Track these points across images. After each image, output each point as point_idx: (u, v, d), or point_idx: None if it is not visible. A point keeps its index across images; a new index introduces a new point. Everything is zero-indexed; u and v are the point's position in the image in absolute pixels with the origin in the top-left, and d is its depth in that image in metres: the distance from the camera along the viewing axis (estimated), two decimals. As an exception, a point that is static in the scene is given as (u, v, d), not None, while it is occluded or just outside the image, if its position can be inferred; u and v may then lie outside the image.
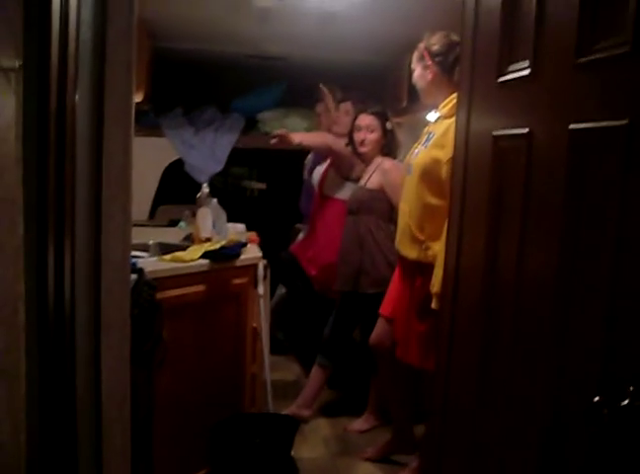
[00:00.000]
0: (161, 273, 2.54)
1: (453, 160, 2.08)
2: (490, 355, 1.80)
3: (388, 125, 3.49)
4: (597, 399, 1.20)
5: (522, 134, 1.61)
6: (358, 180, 3.59)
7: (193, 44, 4.50)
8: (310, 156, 4.43)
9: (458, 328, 2.04)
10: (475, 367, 1.89)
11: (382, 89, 4.75)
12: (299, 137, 3.71)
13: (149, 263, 2.60)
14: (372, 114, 3.51)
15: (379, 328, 3.14)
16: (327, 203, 3.83)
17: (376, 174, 3.38)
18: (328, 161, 3.94)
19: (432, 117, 3.55)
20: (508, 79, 1.70)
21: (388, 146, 3.50)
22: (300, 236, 4.45)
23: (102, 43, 1.76)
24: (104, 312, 1.82)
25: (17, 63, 1.37)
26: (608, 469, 1.24)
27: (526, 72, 1.60)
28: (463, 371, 1.99)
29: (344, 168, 3.71)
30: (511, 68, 1.69)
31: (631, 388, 1.17)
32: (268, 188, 5.62)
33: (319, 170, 4.00)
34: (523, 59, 1.62)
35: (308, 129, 5.00)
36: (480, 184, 1.87)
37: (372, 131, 3.48)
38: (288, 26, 3.92)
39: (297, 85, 4.87)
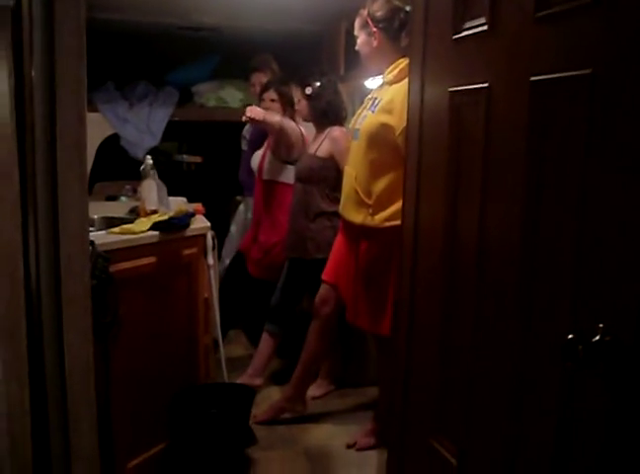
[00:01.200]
0: (111, 245, 2.49)
1: (408, 119, 2.10)
2: (453, 313, 1.85)
3: (306, 91, 3.48)
4: (570, 336, 1.26)
5: (481, 89, 1.64)
6: (295, 162, 3.59)
7: (123, 15, 4.38)
8: (247, 127, 4.39)
9: (419, 290, 2.08)
10: (438, 325, 1.93)
11: (318, 57, 4.74)
12: (261, 114, 3.67)
13: (98, 236, 2.55)
14: (295, 84, 3.57)
15: (322, 292, 3.17)
16: (268, 187, 3.83)
17: (326, 142, 3.39)
18: (265, 144, 3.91)
19: (371, 83, 3.57)
20: (464, 36, 1.73)
21: (316, 109, 3.47)
22: (241, 208, 4.43)
23: (51, 11, 1.71)
24: (64, 284, 1.79)
25: (11, 1, 1.29)
26: (583, 400, 1.30)
27: (484, 28, 1.63)
28: (425, 331, 2.04)
29: (282, 149, 3.68)
30: (467, 25, 1.71)
31: (601, 325, 1.23)
32: (204, 161, 5.54)
33: (257, 154, 3.97)
34: (480, 16, 1.65)
35: (244, 100, 4.96)
36: (437, 142, 1.91)
37: (299, 102, 3.54)
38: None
39: (231, 56, 4.82)
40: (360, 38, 2.86)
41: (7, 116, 1.28)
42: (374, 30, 2.77)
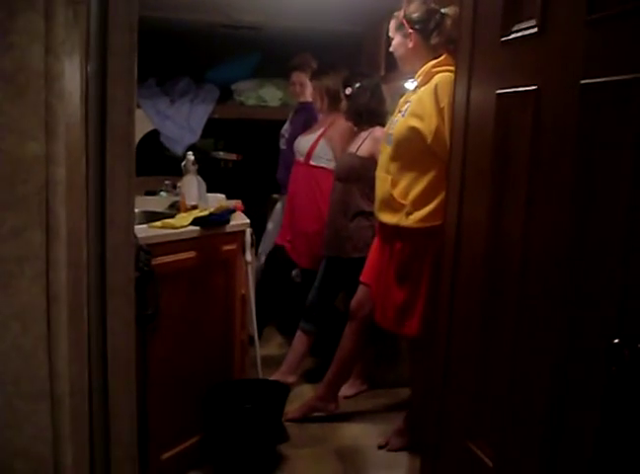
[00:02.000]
0: (152, 239, 2.52)
1: (453, 120, 2.10)
2: (494, 316, 1.86)
3: (346, 91, 3.49)
4: (616, 341, 1.25)
5: (530, 91, 1.64)
6: None
7: (165, 13, 4.42)
8: (287, 126, 4.41)
9: (459, 292, 2.08)
10: (479, 327, 1.93)
11: (359, 58, 4.75)
12: None
13: (140, 230, 2.58)
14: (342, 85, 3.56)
15: (360, 294, 3.17)
16: (314, 173, 3.84)
17: (367, 142, 3.39)
18: (320, 131, 3.89)
19: (411, 85, 3.57)
20: (512, 38, 1.73)
21: (358, 111, 3.48)
22: (278, 206, 4.45)
23: (105, 10, 1.74)
24: (109, 274, 1.82)
25: None
26: (628, 405, 1.29)
27: (534, 30, 1.63)
28: (465, 333, 2.04)
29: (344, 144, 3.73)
30: (516, 27, 1.72)
31: (648, 331, 1.23)
32: (241, 158, 5.57)
33: (307, 138, 3.95)
34: (530, 18, 1.65)
35: (283, 99, 4.99)
36: (482, 144, 1.91)
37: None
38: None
39: (272, 55, 4.83)
40: (396, 39, 2.87)
41: (78, 104, 1.31)
42: (410, 31, 2.77)
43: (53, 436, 1.19)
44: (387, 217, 2.87)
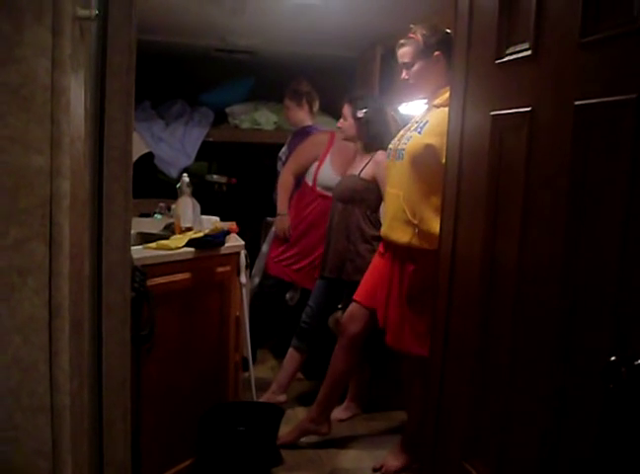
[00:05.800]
0: (147, 260, 2.51)
1: (448, 142, 2.12)
2: (490, 337, 1.86)
3: (358, 114, 3.48)
4: (613, 359, 1.26)
5: (524, 113, 1.67)
6: None
7: (160, 37, 4.46)
8: (285, 148, 4.42)
9: (455, 313, 2.08)
10: (474, 348, 1.94)
11: (352, 82, 4.79)
12: None
13: (135, 251, 2.57)
14: (347, 102, 3.54)
15: (352, 310, 3.16)
16: (323, 199, 3.85)
17: (370, 165, 3.39)
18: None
19: (404, 109, 3.59)
20: (506, 60, 1.76)
21: (367, 134, 3.47)
22: (274, 229, 4.45)
23: (104, 30, 1.77)
24: (105, 293, 1.83)
25: (93, 12, 1.33)
26: (625, 422, 1.29)
27: (527, 53, 1.66)
28: (460, 354, 2.04)
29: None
30: (510, 50, 1.74)
31: (644, 348, 1.23)
32: (237, 182, 5.57)
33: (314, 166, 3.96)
34: (523, 41, 1.68)
35: (278, 123, 5.02)
36: (477, 166, 1.92)
37: (345, 119, 3.52)
38: (259, 18, 3.92)
39: (266, 79, 4.88)
40: (417, 65, 2.79)
41: (82, 119, 1.32)
42: (437, 53, 2.76)
43: (53, 451, 1.19)
44: (398, 236, 2.84)
